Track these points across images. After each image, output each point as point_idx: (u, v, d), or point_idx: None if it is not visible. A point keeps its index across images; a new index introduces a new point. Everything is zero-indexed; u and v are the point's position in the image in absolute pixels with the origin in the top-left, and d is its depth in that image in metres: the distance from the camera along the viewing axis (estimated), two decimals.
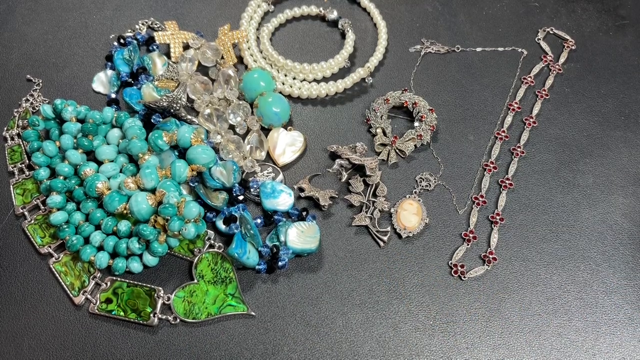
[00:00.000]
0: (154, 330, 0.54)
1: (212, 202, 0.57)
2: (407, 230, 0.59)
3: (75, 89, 0.70)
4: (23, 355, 0.52)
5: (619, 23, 0.78)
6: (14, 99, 0.68)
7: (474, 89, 0.71)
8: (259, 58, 0.72)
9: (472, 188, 0.63)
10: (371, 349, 0.53)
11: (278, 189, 0.59)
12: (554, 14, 0.79)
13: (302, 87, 0.69)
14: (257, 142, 0.64)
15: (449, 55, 0.74)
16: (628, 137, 0.67)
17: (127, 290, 0.55)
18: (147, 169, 0.54)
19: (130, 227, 0.54)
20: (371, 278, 0.57)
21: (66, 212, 0.55)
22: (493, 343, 0.53)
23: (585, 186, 0.63)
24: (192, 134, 0.56)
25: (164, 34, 0.71)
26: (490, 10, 0.80)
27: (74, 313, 0.54)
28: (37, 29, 0.76)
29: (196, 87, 0.66)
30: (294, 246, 0.56)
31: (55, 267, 0.56)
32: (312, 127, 0.68)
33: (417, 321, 0.54)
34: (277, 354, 0.52)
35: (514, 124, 0.68)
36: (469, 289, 0.56)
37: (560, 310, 0.55)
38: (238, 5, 0.79)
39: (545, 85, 0.71)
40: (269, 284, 0.56)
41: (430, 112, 0.66)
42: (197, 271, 0.56)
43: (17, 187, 0.60)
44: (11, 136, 0.64)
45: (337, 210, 0.61)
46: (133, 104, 0.64)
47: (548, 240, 0.59)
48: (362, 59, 0.74)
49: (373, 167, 0.61)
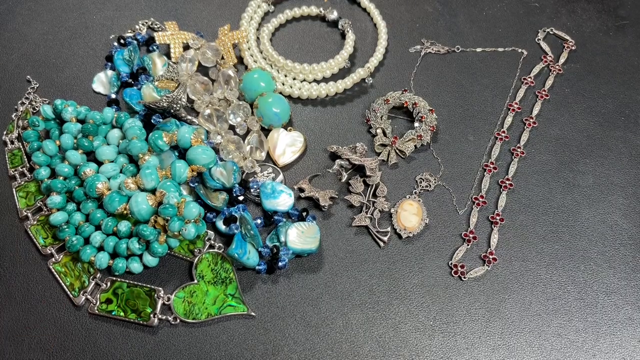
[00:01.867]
0: (154, 331, 0.54)
1: (212, 203, 0.57)
2: (407, 231, 0.59)
3: (75, 89, 0.70)
4: (23, 355, 0.52)
5: (619, 23, 0.78)
6: (14, 99, 0.68)
7: (474, 89, 0.71)
8: (259, 58, 0.71)
9: (472, 188, 0.63)
10: (371, 349, 0.53)
11: (278, 189, 0.59)
12: (554, 14, 0.79)
13: (302, 87, 0.69)
14: (257, 143, 0.64)
15: (449, 56, 0.74)
16: (628, 137, 0.67)
17: (127, 290, 0.55)
18: (147, 170, 0.54)
19: (130, 228, 0.54)
20: (371, 278, 0.57)
21: (66, 212, 0.55)
22: (493, 343, 0.53)
23: (585, 186, 0.63)
24: (192, 134, 0.56)
25: (164, 34, 0.71)
26: (490, 11, 0.80)
27: (74, 313, 0.54)
28: (37, 29, 0.76)
29: (196, 87, 0.66)
30: (294, 246, 0.56)
31: (54, 267, 0.56)
32: (312, 127, 0.68)
33: (417, 321, 0.54)
34: (277, 354, 0.52)
35: (514, 124, 0.68)
36: (469, 289, 0.56)
37: (560, 310, 0.55)
38: (238, 6, 0.79)
39: (545, 86, 0.71)
40: (269, 285, 0.56)
41: (430, 113, 0.66)
42: (197, 271, 0.56)
43: (19, 190, 0.60)
44: (11, 140, 0.64)
45: (337, 210, 0.61)
46: (133, 104, 0.64)
47: (548, 240, 0.59)
48: (362, 59, 0.74)
49: (373, 168, 0.61)
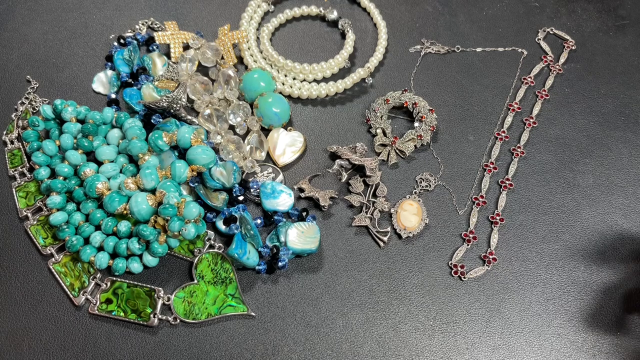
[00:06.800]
0: (154, 331, 0.54)
1: (212, 203, 0.57)
2: (407, 231, 0.59)
3: (75, 89, 0.70)
4: (23, 355, 0.52)
5: (619, 23, 0.78)
6: (14, 99, 0.68)
7: (474, 89, 0.71)
8: (259, 58, 0.71)
9: (472, 188, 0.63)
10: (371, 349, 0.53)
11: (278, 189, 0.59)
12: (554, 14, 0.79)
13: (302, 87, 0.69)
14: (257, 143, 0.64)
15: (449, 56, 0.74)
16: (628, 137, 0.67)
17: (127, 290, 0.55)
18: (147, 170, 0.54)
19: (130, 228, 0.54)
20: (371, 278, 0.57)
21: (66, 212, 0.55)
22: (493, 343, 0.53)
23: (585, 186, 0.63)
24: (192, 134, 0.56)
25: (164, 34, 0.71)
26: (490, 11, 0.80)
27: (74, 313, 0.54)
28: (37, 29, 0.76)
29: (196, 87, 0.66)
30: (294, 246, 0.56)
31: (54, 267, 0.56)
32: (312, 127, 0.68)
33: (417, 321, 0.54)
34: (277, 354, 0.53)
35: (514, 124, 0.68)
36: (469, 289, 0.56)
37: (560, 310, 0.55)
38: (238, 5, 0.79)
39: (545, 86, 0.71)
40: (269, 285, 0.56)
41: (430, 113, 0.66)
42: (197, 272, 0.56)
43: (19, 190, 0.60)
44: (11, 140, 0.64)
45: (337, 210, 0.61)
46: (133, 104, 0.64)
47: (548, 240, 0.59)
48: (362, 59, 0.74)
49: (373, 168, 0.61)
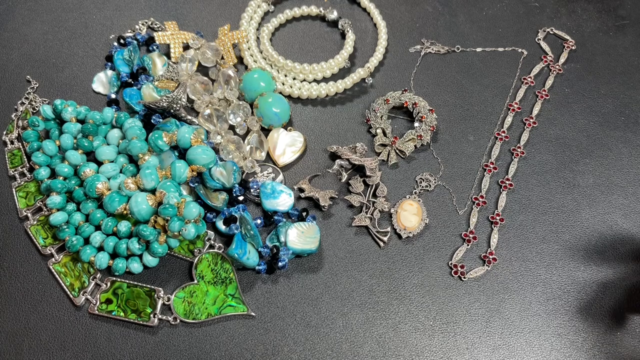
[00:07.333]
0: (154, 331, 0.54)
1: (212, 203, 0.57)
2: (407, 231, 0.59)
3: (75, 89, 0.70)
4: (23, 355, 0.52)
5: (619, 23, 0.78)
6: (14, 99, 0.68)
7: (474, 89, 0.71)
8: (259, 58, 0.71)
9: (472, 188, 0.63)
10: (371, 349, 0.53)
11: (278, 189, 0.59)
12: (554, 14, 0.79)
13: (302, 87, 0.69)
14: (257, 143, 0.64)
15: (449, 56, 0.74)
16: (628, 137, 0.67)
17: (127, 290, 0.55)
18: (147, 170, 0.54)
19: (130, 228, 0.54)
20: (371, 278, 0.57)
21: (66, 212, 0.55)
22: (493, 343, 0.53)
23: (585, 186, 0.63)
24: (192, 134, 0.56)
25: (164, 34, 0.71)
26: (490, 11, 0.80)
27: (74, 313, 0.54)
28: (37, 29, 0.76)
29: (196, 87, 0.66)
30: (294, 247, 0.56)
31: (54, 267, 0.56)
32: (312, 127, 0.68)
33: (417, 322, 0.54)
34: (277, 354, 0.53)
35: (514, 124, 0.68)
36: (469, 290, 0.56)
37: (560, 310, 0.55)
38: (238, 5, 0.79)
39: (545, 86, 0.71)
40: (269, 285, 0.56)
41: (430, 113, 0.66)
42: (197, 272, 0.56)
43: (19, 190, 0.60)
44: (11, 140, 0.64)
45: (337, 210, 0.61)
46: (133, 104, 0.64)
47: (548, 240, 0.59)
48: (362, 59, 0.74)
49: (373, 168, 0.61)
